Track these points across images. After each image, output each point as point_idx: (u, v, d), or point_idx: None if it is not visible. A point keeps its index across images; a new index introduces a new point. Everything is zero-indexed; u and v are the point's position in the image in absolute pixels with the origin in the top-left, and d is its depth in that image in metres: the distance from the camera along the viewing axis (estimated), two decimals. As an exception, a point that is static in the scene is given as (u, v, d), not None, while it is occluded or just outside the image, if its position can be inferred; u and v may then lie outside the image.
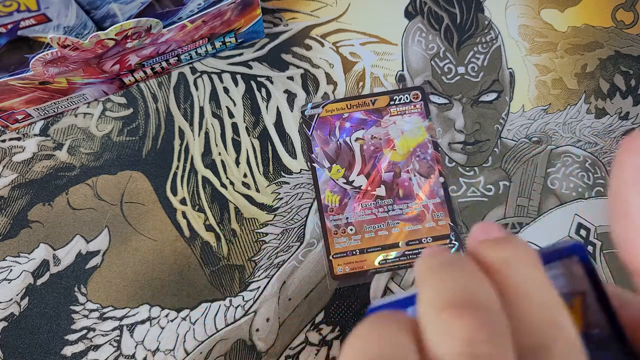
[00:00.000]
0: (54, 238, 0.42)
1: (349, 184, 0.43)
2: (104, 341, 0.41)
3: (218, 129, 0.45)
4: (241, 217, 0.43)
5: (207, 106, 0.45)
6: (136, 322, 0.41)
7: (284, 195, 0.43)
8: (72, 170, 0.44)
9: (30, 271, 0.42)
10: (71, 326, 0.41)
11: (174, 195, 0.43)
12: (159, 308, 0.41)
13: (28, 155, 0.44)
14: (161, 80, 0.46)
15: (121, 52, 0.39)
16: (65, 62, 0.38)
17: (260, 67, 0.46)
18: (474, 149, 0.45)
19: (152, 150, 0.44)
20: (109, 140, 0.44)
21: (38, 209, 0.43)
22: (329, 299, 0.42)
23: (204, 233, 0.43)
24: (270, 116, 0.45)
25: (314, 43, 0.47)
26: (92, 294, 0.41)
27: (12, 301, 0.41)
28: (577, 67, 0.47)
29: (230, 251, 0.42)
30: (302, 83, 0.46)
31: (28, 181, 0.43)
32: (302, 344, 0.41)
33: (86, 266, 0.42)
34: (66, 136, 0.44)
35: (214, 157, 0.44)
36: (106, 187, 0.43)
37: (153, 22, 0.37)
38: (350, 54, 0.47)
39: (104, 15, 0.38)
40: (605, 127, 0.46)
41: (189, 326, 0.41)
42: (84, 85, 0.42)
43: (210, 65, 0.46)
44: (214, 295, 0.41)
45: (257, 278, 0.42)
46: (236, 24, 0.43)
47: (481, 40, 0.47)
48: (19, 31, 0.35)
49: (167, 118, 0.45)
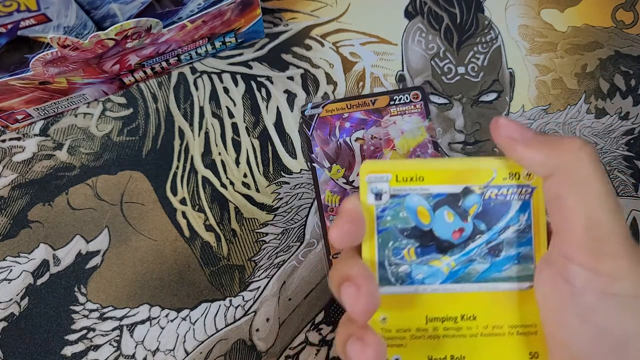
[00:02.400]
0: (53, 238, 0.42)
1: (349, 184, 0.43)
2: (104, 341, 0.41)
3: (218, 129, 0.45)
4: (241, 217, 0.43)
5: (207, 106, 0.45)
6: (136, 322, 0.41)
7: (284, 195, 0.43)
8: (72, 170, 0.44)
9: (30, 271, 0.42)
10: (71, 326, 0.41)
11: (174, 195, 0.43)
12: (159, 308, 0.41)
13: (28, 155, 0.44)
14: (161, 80, 0.46)
15: (121, 52, 0.39)
16: (65, 62, 0.38)
17: (260, 67, 0.46)
18: (474, 149, 0.45)
19: (152, 150, 0.44)
20: (109, 140, 0.44)
21: (38, 209, 0.43)
22: (329, 299, 0.42)
23: (204, 233, 0.43)
24: (270, 116, 0.45)
25: (314, 43, 0.47)
26: (92, 294, 0.41)
27: (12, 301, 0.41)
28: (577, 67, 0.47)
29: (230, 251, 0.42)
30: (302, 83, 0.46)
31: (28, 181, 0.43)
32: (302, 344, 0.41)
33: (86, 266, 0.42)
34: (66, 136, 0.44)
35: (214, 157, 0.44)
36: (106, 187, 0.43)
37: (153, 22, 0.37)
38: (350, 54, 0.47)
39: (104, 15, 0.38)
40: (605, 127, 0.46)
41: (189, 326, 0.41)
42: (84, 85, 0.42)
43: (210, 65, 0.46)
44: (214, 295, 0.41)
45: (257, 278, 0.42)
46: (236, 24, 0.43)
47: (481, 40, 0.47)
48: (19, 31, 0.35)
49: (167, 118, 0.45)
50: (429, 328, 0.27)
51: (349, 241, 0.26)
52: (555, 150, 0.24)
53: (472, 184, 0.27)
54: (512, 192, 0.27)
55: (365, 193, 0.27)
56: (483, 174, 0.27)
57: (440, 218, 0.27)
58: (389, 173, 0.27)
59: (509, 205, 0.27)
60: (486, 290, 0.27)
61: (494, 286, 0.27)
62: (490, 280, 0.27)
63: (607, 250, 0.23)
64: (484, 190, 0.26)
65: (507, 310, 0.27)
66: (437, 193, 0.27)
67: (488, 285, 0.27)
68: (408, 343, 0.27)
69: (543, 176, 0.25)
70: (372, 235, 0.27)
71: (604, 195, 0.23)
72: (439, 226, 0.27)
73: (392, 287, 0.27)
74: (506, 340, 0.27)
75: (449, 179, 0.27)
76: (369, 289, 0.24)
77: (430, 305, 0.27)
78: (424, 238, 0.27)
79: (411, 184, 0.27)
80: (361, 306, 0.24)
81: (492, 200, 0.27)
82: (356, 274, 0.25)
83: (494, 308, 0.27)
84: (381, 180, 0.27)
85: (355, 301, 0.24)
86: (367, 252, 0.27)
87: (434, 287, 0.27)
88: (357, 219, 0.26)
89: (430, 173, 0.27)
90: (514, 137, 0.26)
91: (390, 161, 0.27)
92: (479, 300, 0.27)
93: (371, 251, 0.27)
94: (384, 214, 0.27)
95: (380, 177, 0.27)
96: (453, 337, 0.27)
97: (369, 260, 0.27)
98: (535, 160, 0.25)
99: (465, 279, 0.27)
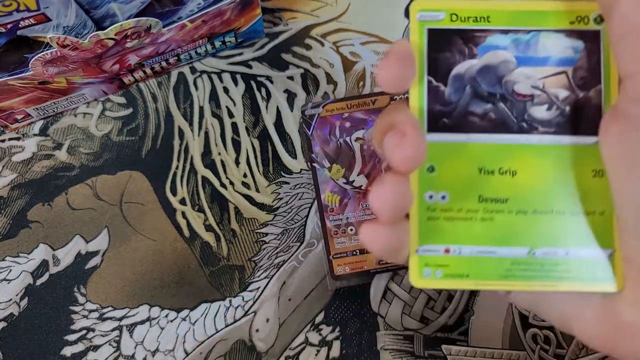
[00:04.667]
0: (53, 238, 0.42)
1: (349, 184, 0.43)
2: (104, 341, 0.40)
3: (218, 129, 0.45)
4: (241, 217, 0.43)
5: (206, 106, 0.45)
6: (136, 323, 0.41)
7: (284, 195, 0.43)
8: (71, 170, 0.44)
9: (30, 271, 0.42)
10: (71, 326, 0.41)
11: (174, 195, 0.43)
12: (159, 308, 0.41)
13: (27, 155, 0.44)
14: (161, 80, 0.46)
15: (121, 51, 0.39)
16: (64, 62, 0.38)
17: (260, 67, 0.46)
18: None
19: (151, 150, 0.44)
20: (108, 140, 0.44)
21: (37, 209, 0.43)
22: (329, 299, 0.42)
23: (203, 233, 0.43)
24: (270, 116, 0.45)
25: (314, 43, 0.47)
26: (92, 294, 0.41)
27: (12, 301, 0.41)
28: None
29: (230, 251, 0.42)
30: (302, 83, 0.46)
31: (27, 181, 0.43)
32: (302, 344, 0.41)
33: (86, 266, 0.42)
34: (66, 136, 0.44)
35: (213, 157, 0.44)
36: (106, 187, 0.43)
37: (153, 22, 0.37)
38: (351, 54, 0.47)
39: (103, 14, 0.38)
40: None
41: (189, 326, 0.41)
42: (83, 85, 0.42)
43: (210, 65, 0.46)
44: (214, 296, 0.41)
45: (257, 278, 0.42)
46: (236, 23, 0.43)
47: (481, 39, 0.47)
48: (19, 31, 0.35)
49: (167, 118, 0.45)
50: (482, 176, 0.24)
51: (398, 84, 0.23)
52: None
53: (541, 26, 0.24)
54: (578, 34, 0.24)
55: (416, 33, 0.24)
56: (552, 17, 0.24)
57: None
58: (444, 12, 0.24)
59: (576, 48, 0.24)
60: (547, 143, 0.24)
61: (556, 139, 0.24)
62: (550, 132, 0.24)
63: None
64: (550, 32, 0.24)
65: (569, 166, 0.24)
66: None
67: (549, 137, 0.24)
68: (457, 187, 0.25)
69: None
70: (422, 80, 0.24)
71: None
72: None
73: (443, 135, 0.24)
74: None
75: (516, 20, 0.24)
76: (414, 136, 0.22)
77: (483, 157, 0.24)
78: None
79: (472, 24, 0.24)
80: (406, 154, 0.22)
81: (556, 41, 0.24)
82: (401, 121, 0.23)
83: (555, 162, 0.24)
84: (436, 19, 0.24)
85: (399, 150, 0.22)
86: (415, 98, 0.24)
87: (490, 136, 0.24)
88: (407, 60, 0.23)
89: (495, 13, 0.24)
90: None
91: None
92: (538, 153, 0.24)
93: (420, 97, 0.24)
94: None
95: (435, 16, 0.24)
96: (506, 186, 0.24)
97: (417, 108, 0.24)
98: None
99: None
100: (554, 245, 0.24)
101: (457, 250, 0.25)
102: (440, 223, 0.25)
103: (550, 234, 0.24)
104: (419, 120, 0.24)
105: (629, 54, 0.21)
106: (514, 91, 0.25)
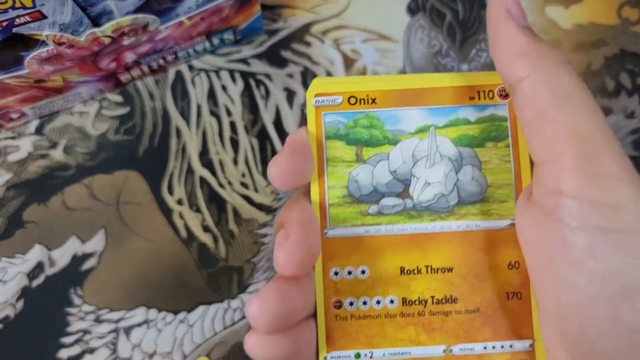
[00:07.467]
0: (49, 239, 0.42)
1: (350, 184, 0.43)
2: (100, 344, 0.40)
3: (216, 128, 0.44)
4: (239, 217, 0.42)
5: (204, 104, 0.45)
6: (133, 325, 0.40)
7: (283, 195, 0.43)
8: (67, 169, 0.43)
9: (26, 272, 0.41)
10: (67, 329, 0.40)
11: (171, 195, 0.43)
12: (156, 310, 0.41)
13: (23, 154, 0.43)
14: (158, 78, 0.45)
15: (118, 49, 0.39)
16: (61, 60, 0.37)
17: (259, 65, 0.46)
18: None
19: (148, 150, 0.44)
20: (105, 140, 0.44)
21: (33, 209, 0.42)
22: (329, 301, 0.41)
23: (201, 234, 0.42)
24: (269, 114, 0.45)
25: (314, 40, 0.46)
26: (88, 296, 0.41)
27: (8, 303, 0.41)
28: (581, 65, 0.46)
29: (228, 252, 0.42)
30: (301, 81, 0.45)
31: (23, 181, 0.43)
32: (302, 346, 0.40)
33: (82, 268, 0.41)
34: (62, 135, 0.44)
35: (211, 156, 0.44)
36: (102, 187, 0.43)
37: (150, 19, 0.36)
38: (351, 51, 0.46)
39: (100, 12, 0.37)
40: (611, 125, 0.45)
41: (187, 329, 0.41)
42: (79, 83, 0.42)
43: (208, 62, 0.46)
44: (212, 298, 0.41)
45: (255, 280, 0.41)
46: (235, 20, 0.42)
47: (484, 37, 0.47)
48: (14, 29, 0.34)
49: (164, 116, 0.44)
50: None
51: (293, 180, 0.21)
52: (539, 46, 0.21)
53: (434, 105, 0.23)
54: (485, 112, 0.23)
55: (313, 120, 0.23)
56: (448, 93, 0.23)
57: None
58: (340, 95, 0.23)
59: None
60: (458, 230, 0.23)
61: (468, 224, 0.23)
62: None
63: (604, 171, 0.19)
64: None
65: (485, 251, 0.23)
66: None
67: (461, 222, 0.23)
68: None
69: (518, 77, 0.21)
70: (322, 171, 0.23)
71: (592, 106, 0.20)
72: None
73: (347, 229, 0.23)
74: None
75: (405, 101, 0.23)
76: (300, 239, 0.20)
77: (392, 251, 0.23)
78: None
79: (364, 107, 0.23)
80: (285, 258, 0.20)
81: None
82: (291, 220, 0.21)
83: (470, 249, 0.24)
84: (333, 103, 0.23)
85: (279, 252, 0.20)
86: (316, 193, 0.23)
87: (400, 226, 0.23)
88: (303, 153, 0.22)
89: (382, 94, 0.23)
90: (511, 11, 0.23)
91: (342, 79, 0.24)
92: (454, 240, 0.23)
93: (320, 190, 0.23)
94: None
95: (332, 100, 0.23)
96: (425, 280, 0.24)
97: (318, 202, 0.23)
98: (521, 43, 0.21)
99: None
100: (471, 341, 0.23)
101: (368, 355, 0.23)
102: (348, 326, 0.23)
103: (466, 330, 0.23)
104: (317, 217, 0.22)
105: (539, 141, 0.20)
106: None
